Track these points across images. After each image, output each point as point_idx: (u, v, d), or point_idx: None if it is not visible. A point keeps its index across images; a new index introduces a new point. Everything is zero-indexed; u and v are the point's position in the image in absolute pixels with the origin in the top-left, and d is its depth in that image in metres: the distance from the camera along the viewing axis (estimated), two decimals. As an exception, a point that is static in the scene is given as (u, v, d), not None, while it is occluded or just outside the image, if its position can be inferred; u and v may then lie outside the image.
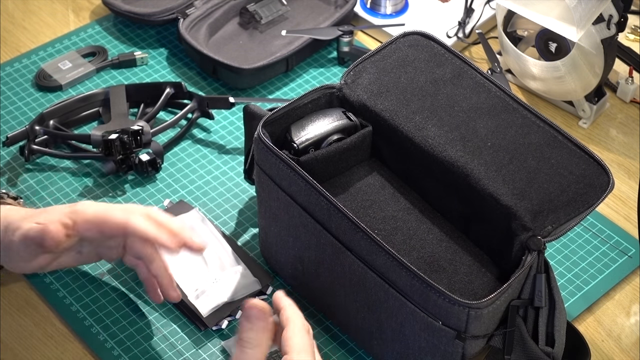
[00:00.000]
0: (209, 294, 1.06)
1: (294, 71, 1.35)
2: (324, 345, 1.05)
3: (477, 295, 0.94)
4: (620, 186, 1.22)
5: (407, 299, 0.92)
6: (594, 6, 1.17)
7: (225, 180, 1.21)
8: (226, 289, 1.06)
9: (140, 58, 1.34)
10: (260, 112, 1.07)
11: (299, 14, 1.40)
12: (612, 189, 0.96)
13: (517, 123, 1.01)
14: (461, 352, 0.93)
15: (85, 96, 1.26)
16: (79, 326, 1.06)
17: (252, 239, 1.15)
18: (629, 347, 1.07)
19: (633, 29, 1.39)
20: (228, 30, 1.37)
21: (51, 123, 1.23)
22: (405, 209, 1.02)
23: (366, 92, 1.04)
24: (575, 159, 0.98)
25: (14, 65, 1.33)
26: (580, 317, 1.09)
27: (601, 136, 1.28)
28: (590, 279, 1.12)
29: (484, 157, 0.98)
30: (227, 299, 1.06)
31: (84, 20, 1.41)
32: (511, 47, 1.28)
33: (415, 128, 1.01)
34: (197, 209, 1.15)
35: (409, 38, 1.08)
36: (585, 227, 1.17)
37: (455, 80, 1.04)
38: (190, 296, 1.05)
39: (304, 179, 0.96)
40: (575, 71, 1.23)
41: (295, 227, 1.01)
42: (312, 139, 1.02)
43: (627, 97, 1.32)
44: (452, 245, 0.99)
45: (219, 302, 1.05)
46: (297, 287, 1.09)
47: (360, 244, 0.94)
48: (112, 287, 1.09)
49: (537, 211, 0.94)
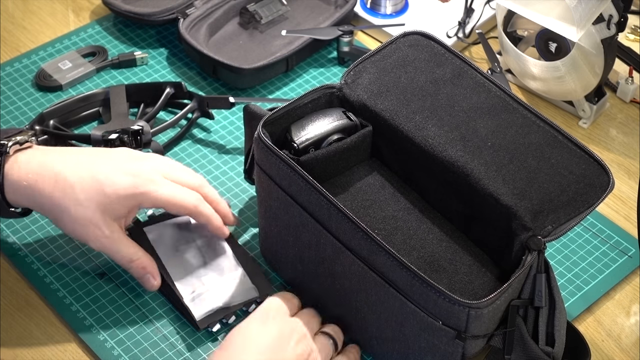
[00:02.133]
0: (204, 297, 1.05)
1: (294, 71, 1.35)
2: (324, 345, 1.05)
3: (477, 295, 0.94)
4: (620, 186, 1.22)
5: (407, 298, 0.92)
6: (594, 6, 1.17)
7: (225, 180, 1.21)
8: (222, 294, 1.05)
9: (140, 58, 1.34)
10: (260, 112, 1.07)
11: (299, 14, 1.40)
12: (612, 189, 0.96)
13: (517, 123, 1.01)
14: (461, 352, 0.93)
15: (85, 96, 1.26)
16: (79, 326, 1.05)
17: (252, 239, 1.15)
18: (629, 347, 1.07)
19: (633, 29, 1.39)
20: (228, 30, 1.37)
21: (51, 123, 1.23)
22: (405, 209, 1.02)
23: (366, 92, 1.04)
24: (576, 159, 0.98)
25: (14, 65, 1.33)
26: (580, 317, 1.09)
27: (601, 136, 1.28)
28: (590, 279, 1.12)
29: (484, 156, 0.98)
30: (222, 304, 1.05)
31: (84, 20, 1.41)
32: (511, 47, 1.28)
33: (416, 128, 1.01)
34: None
35: (409, 38, 1.08)
36: (585, 227, 1.17)
37: (456, 80, 1.04)
38: (185, 298, 1.05)
39: (304, 178, 0.96)
40: (575, 71, 1.23)
41: (295, 227, 1.01)
42: (312, 139, 1.02)
43: (627, 97, 1.32)
44: (452, 245, 0.99)
45: (213, 306, 1.05)
46: (297, 287, 1.09)
47: (360, 244, 0.94)
48: (112, 287, 1.09)
49: (537, 211, 0.94)
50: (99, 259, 1.11)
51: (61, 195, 1.00)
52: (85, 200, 1.00)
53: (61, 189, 1.00)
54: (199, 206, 1.05)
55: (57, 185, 1.00)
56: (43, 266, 1.10)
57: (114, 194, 1.01)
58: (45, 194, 1.00)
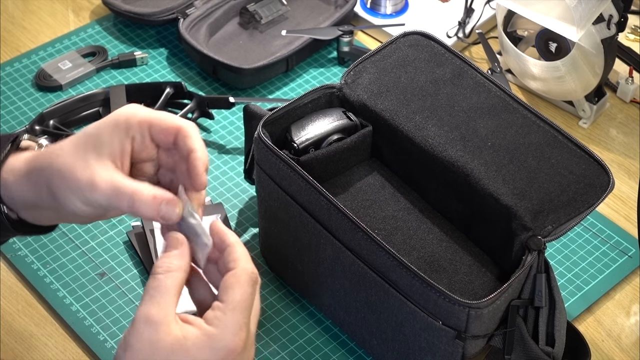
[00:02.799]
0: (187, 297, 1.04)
1: (294, 71, 1.35)
2: (324, 345, 1.05)
3: (477, 295, 0.94)
4: (620, 186, 1.22)
5: (407, 298, 0.92)
6: (594, 6, 1.17)
7: (225, 180, 1.21)
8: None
9: (140, 58, 1.34)
10: (260, 112, 1.07)
11: (299, 14, 1.40)
12: (612, 189, 0.96)
13: (517, 123, 1.01)
14: (461, 352, 0.93)
15: (85, 96, 1.26)
16: (79, 326, 1.05)
17: (252, 239, 1.14)
18: (629, 347, 1.07)
19: (633, 29, 1.39)
20: (228, 30, 1.37)
21: (51, 123, 1.23)
22: (405, 209, 1.02)
23: (366, 92, 1.04)
24: (576, 159, 0.98)
25: (14, 65, 1.33)
26: (580, 317, 1.09)
27: (601, 136, 1.28)
28: (590, 279, 1.12)
29: (484, 156, 0.98)
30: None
31: (84, 20, 1.41)
32: (511, 47, 1.28)
33: (416, 128, 1.01)
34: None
35: (409, 38, 1.08)
36: (585, 227, 1.17)
37: (456, 80, 1.04)
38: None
39: (304, 178, 0.96)
40: (575, 71, 1.23)
41: (295, 227, 1.01)
42: (312, 139, 1.02)
43: (627, 97, 1.32)
44: (452, 245, 0.99)
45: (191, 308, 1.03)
46: (297, 287, 1.09)
47: (360, 244, 0.94)
48: (112, 287, 1.09)
49: (537, 211, 0.94)
50: (99, 259, 1.11)
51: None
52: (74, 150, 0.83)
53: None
54: (188, 125, 0.84)
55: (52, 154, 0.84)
56: (43, 266, 1.10)
57: (93, 127, 0.84)
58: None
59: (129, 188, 0.80)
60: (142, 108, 0.83)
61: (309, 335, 1.06)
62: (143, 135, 0.82)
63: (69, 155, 0.81)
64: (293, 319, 1.07)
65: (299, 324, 1.07)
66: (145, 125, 0.82)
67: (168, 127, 0.82)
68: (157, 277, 0.77)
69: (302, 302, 1.09)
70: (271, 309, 1.08)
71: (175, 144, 0.82)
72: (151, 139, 0.83)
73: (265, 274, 1.10)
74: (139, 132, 0.83)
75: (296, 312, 1.08)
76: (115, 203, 0.81)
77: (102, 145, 0.81)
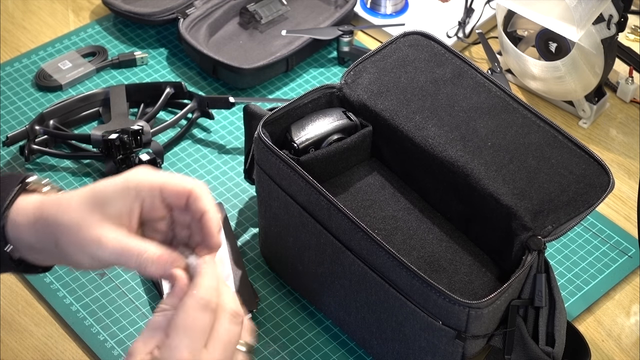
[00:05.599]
0: None
1: (294, 71, 1.35)
2: (324, 345, 1.05)
3: (477, 295, 0.94)
4: (620, 186, 1.22)
5: (407, 298, 0.92)
6: (594, 6, 1.17)
7: (225, 180, 1.21)
8: None
9: (140, 58, 1.34)
10: (260, 112, 1.07)
11: (299, 14, 1.40)
12: (612, 189, 0.96)
13: (517, 123, 1.01)
14: (461, 352, 0.93)
15: (85, 96, 1.26)
16: (79, 326, 1.06)
17: (252, 239, 1.15)
18: (629, 347, 1.07)
19: (633, 29, 1.39)
20: (228, 30, 1.37)
21: (51, 123, 1.23)
22: (405, 209, 1.02)
23: (366, 92, 1.04)
24: (576, 159, 0.98)
25: (14, 65, 1.33)
26: (580, 317, 1.09)
27: (601, 136, 1.28)
28: (590, 279, 1.12)
29: (484, 156, 0.98)
30: None
31: (84, 20, 1.41)
32: (511, 47, 1.28)
33: (416, 128, 1.01)
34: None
35: (409, 38, 1.08)
36: (585, 227, 1.17)
37: (456, 80, 1.04)
38: None
39: (304, 178, 0.96)
40: (575, 71, 1.23)
41: (295, 227, 1.01)
42: (312, 139, 1.02)
43: (627, 97, 1.32)
44: (452, 245, 0.99)
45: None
46: (297, 287, 1.09)
47: (360, 244, 0.94)
48: (112, 287, 1.09)
49: (537, 211, 0.94)
50: (99, 259, 1.11)
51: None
52: (79, 209, 0.86)
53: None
54: (199, 187, 0.87)
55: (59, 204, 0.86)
56: (43, 266, 1.10)
57: (102, 187, 0.85)
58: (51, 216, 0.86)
59: (135, 248, 0.81)
60: (153, 172, 0.85)
61: (309, 335, 1.06)
62: (153, 198, 0.84)
63: (77, 212, 0.83)
64: (293, 319, 1.07)
65: (299, 324, 1.07)
66: (156, 189, 0.84)
67: (179, 192, 0.83)
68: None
69: (302, 302, 1.09)
70: (271, 309, 1.08)
71: (187, 205, 0.83)
72: (162, 201, 0.84)
73: (265, 274, 1.10)
74: (149, 195, 0.84)
75: (296, 312, 1.08)
76: (123, 261, 0.83)
77: (110, 206, 0.83)
